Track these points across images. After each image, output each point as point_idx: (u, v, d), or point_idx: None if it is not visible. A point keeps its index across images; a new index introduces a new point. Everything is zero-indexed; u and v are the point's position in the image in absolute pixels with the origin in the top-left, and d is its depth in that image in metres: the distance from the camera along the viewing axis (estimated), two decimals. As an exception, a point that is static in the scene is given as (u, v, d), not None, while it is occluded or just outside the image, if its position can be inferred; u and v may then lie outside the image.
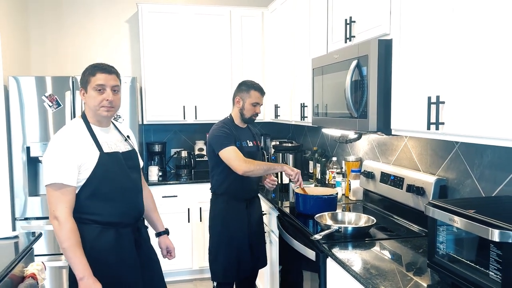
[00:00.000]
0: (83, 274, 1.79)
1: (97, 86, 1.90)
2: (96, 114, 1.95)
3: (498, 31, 1.35)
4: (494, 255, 1.27)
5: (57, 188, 1.81)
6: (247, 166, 2.53)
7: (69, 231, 1.79)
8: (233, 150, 2.59)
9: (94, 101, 1.92)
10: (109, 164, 1.94)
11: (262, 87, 2.79)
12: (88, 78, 1.92)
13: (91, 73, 1.92)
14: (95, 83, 1.90)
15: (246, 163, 2.55)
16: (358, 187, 2.92)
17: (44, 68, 4.14)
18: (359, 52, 2.12)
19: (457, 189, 2.07)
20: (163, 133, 4.49)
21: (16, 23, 3.78)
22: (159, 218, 2.33)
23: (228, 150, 2.58)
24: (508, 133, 1.32)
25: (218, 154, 2.62)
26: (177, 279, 3.96)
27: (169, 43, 4.06)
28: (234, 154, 2.58)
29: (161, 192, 3.85)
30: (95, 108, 1.93)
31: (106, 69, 1.94)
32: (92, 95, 1.91)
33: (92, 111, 1.95)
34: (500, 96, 1.35)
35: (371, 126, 2.04)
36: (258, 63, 4.28)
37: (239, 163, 2.54)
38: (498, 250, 1.26)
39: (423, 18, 1.74)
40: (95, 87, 1.91)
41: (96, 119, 1.98)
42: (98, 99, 1.91)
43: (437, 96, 1.62)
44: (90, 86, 1.91)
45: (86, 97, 1.94)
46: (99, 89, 1.91)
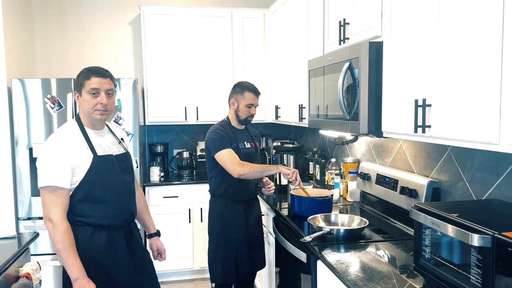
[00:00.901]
0: (77, 275, 1.81)
1: (91, 90, 1.93)
2: (90, 117, 1.98)
3: (482, 36, 1.35)
4: (475, 259, 1.27)
5: (51, 191, 1.84)
6: (242, 169, 2.54)
7: (63, 233, 1.82)
8: (228, 153, 2.60)
9: (88, 104, 1.94)
10: (103, 167, 1.96)
11: (256, 88, 2.78)
12: (82, 81, 1.95)
13: (86, 76, 1.94)
14: (90, 87, 1.93)
15: (240, 166, 2.55)
16: (355, 188, 2.91)
17: (48, 70, 4.20)
18: (350, 54, 2.12)
19: (450, 191, 2.06)
20: (166, 134, 4.52)
21: (20, 27, 3.84)
22: (151, 219, 2.35)
23: (223, 153, 2.60)
24: (491, 137, 1.31)
25: (214, 156, 2.63)
26: (178, 279, 4.00)
27: (171, 45, 4.09)
28: (229, 157, 2.59)
29: (162, 192, 3.89)
30: (89, 111, 1.95)
31: (101, 73, 1.96)
32: (87, 99, 1.94)
33: (86, 114, 1.97)
34: (483, 100, 1.34)
35: (362, 128, 2.04)
36: (260, 64, 4.30)
37: (234, 166, 2.56)
38: (478, 254, 1.25)
39: (411, 19, 1.74)
40: (89, 90, 1.93)
41: (90, 122, 2.00)
42: (93, 103, 1.93)
43: (424, 99, 1.62)
44: (85, 89, 1.94)
45: (81, 100, 1.97)
46: (93, 93, 1.93)
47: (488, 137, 1.32)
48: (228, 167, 2.58)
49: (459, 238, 1.30)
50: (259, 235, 2.90)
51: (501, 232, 1.18)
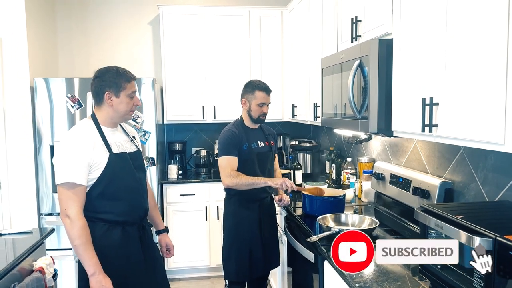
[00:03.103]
0: (94, 270, 1.86)
1: (132, 93, 2.02)
2: (121, 118, 2.06)
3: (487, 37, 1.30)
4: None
5: (69, 188, 1.88)
6: (230, 180, 2.62)
7: (81, 229, 1.86)
8: (227, 161, 2.65)
9: (126, 106, 2.01)
10: (118, 165, 2.00)
11: (267, 86, 2.74)
12: (124, 84, 1.99)
13: (127, 79, 2.01)
14: (131, 90, 2.01)
15: (230, 177, 2.62)
16: (369, 188, 2.87)
17: (70, 70, 4.32)
18: (361, 52, 2.09)
19: (462, 192, 2.00)
20: (184, 132, 4.57)
21: (44, 28, 3.96)
22: (159, 216, 2.39)
23: (223, 159, 2.66)
24: (497, 137, 1.27)
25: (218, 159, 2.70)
26: (195, 276, 4.03)
27: (189, 44, 4.13)
28: (225, 165, 2.64)
29: (179, 190, 3.94)
30: (125, 112, 2.03)
31: (134, 77, 2.06)
32: (125, 101, 2.00)
33: (119, 114, 2.03)
34: (489, 99, 1.30)
35: (371, 127, 2.01)
36: (277, 63, 4.28)
37: (224, 177, 2.65)
38: (480, 257, 1.21)
39: (419, 16, 1.70)
40: (130, 94, 2.01)
41: (112, 121, 2.05)
42: (130, 105, 2.02)
43: (431, 97, 1.58)
44: (125, 92, 2.00)
45: (115, 101, 2.00)
46: (132, 96, 2.02)
47: (494, 137, 1.28)
48: (220, 175, 2.67)
49: (461, 240, 1.26)
50: (273, 234, 2.89)
51: (503, 235, 1.14)
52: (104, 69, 2.02)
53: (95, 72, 2.03)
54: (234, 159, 2.65)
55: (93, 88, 2.02)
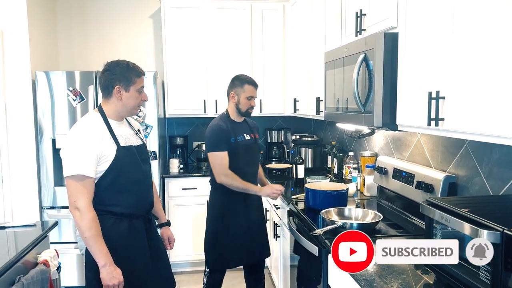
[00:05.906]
0: (105, 261, 1.87)
1: (140, 88, 2.03)
2: (129, 112, 2.07)
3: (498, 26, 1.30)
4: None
5: (78, 180, 1.88)
6: (226, 180, 2.70)
7: (91, 221, 1.87)
8: (220, 158, 2.69)
9: (135, 100, 2.02)
10: (126, 157, 2.01)
11: (255, 81, 2.84)
12: (134, 79, 2.00)
13: (137, 74, 2.01)
14: (140, 85, 2.02)
15: (226, 176, 2.69)
16: (372, 183, 2.87)
17: (71, 63, 4.30)
18: (366, 45, 2.08)
19: (466, 186, 2.01)
20: (186, 126, 4.57)
21: (45, 20, 3.94)
22: (161, 209, 2.41)
23: (216, 155, 2.70)
24: (502, 131, 1.27)
25: (208, 154, 2.73)
26: (196, 269, 4.04)
27: (191, 38, 4.12)
28: (220, 162, 2.69)
29: (181, 184, 3.94)
30: (133, 106, 2.03)
31: (143, 72, 2.07)
32: (134, 95, 2.01)
33: (127, 108, 2.03)
34: (494, 93, 1.30)
35: (376, 121, 2.01)
36: (279, 57, 4.27)
37: (219, 174, 2.71)
38: (487, 250, 1.22)
39: (426, 9, 1.69)
40: (139, 89, 2.02)
41: (119, 115, 2.05)
42: (139, 99, 2.03)
43: (437, 91, 1.58)
44: (135, 87, 2.00)
45: (124, 96, 2.00)
46: (141, 91, 2.03)
47: (499, 130, 1.28)
48: (215, 171, 2.72)
49: (468, 233, 1.26)
50: (260, 223, 2.94)
51: (510, 228, 1.15)
52: (114, 63, 2.01)
53: (105, 65, 2.02)
54: (225, 154, 2.70)
55: (103, 81, 2.00)
